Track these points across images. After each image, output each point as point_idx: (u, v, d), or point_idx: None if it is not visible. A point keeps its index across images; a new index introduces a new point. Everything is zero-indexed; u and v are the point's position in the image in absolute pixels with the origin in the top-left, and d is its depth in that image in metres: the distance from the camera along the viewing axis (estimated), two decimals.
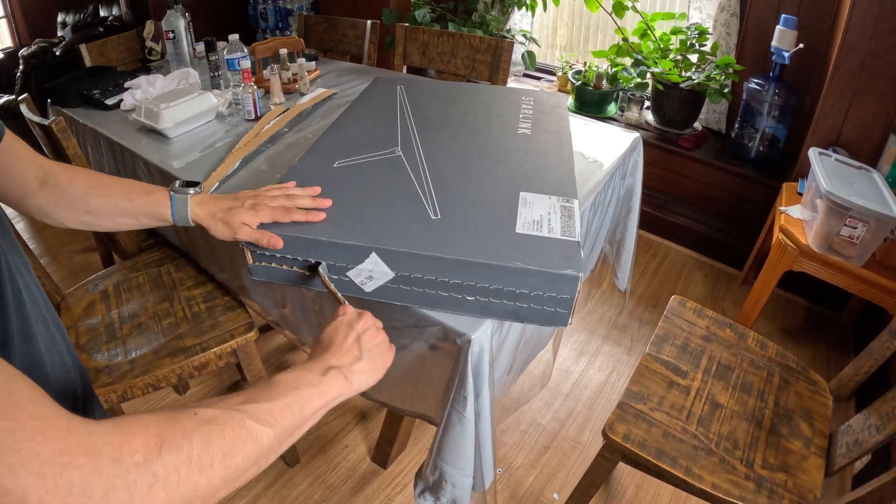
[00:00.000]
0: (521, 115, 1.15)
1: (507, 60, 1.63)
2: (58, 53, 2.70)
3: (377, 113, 1.16)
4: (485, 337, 0.77)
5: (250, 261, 0.85)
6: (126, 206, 0.79)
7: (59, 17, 3.38)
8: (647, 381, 1.18)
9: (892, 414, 1.05)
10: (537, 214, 0.80)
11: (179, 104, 1.44)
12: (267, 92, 1.57)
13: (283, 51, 1.58)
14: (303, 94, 1.53)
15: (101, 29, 2.91)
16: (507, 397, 1.71)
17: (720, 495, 1.01)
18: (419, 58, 1.83)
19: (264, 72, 1.58)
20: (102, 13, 3.24)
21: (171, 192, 0.81)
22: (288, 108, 1.44)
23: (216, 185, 1.21)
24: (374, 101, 1.23)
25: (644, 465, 1.07)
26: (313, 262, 0.80)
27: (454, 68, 1.76)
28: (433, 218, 0.80)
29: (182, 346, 1.21)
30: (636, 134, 1.35)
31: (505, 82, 1.67)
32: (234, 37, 1.54)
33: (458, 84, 1.34)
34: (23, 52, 2.67)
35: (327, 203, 0.83)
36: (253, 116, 1.44)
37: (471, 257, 0.72)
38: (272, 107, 1.47)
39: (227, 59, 1.54)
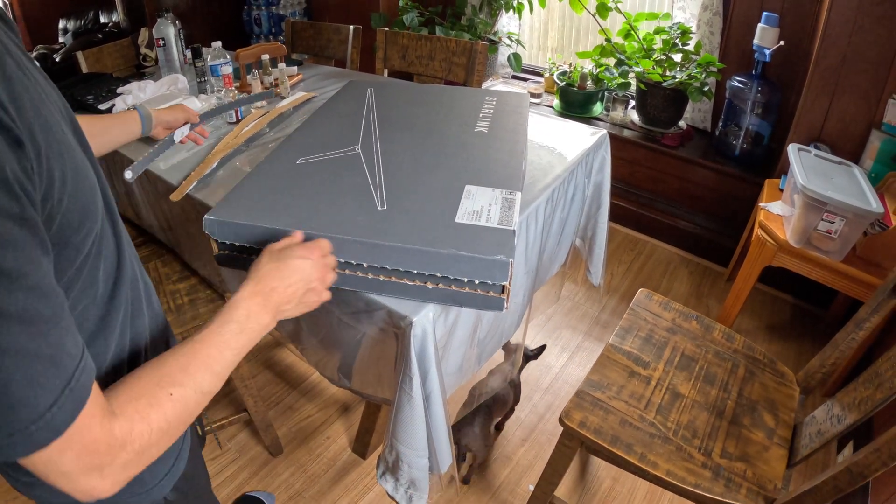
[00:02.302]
0: (480, 115, 1.19)
1: (482, 63, 1.67)
2: (57, 60, 2.79)
3: (345, 114, 1.21)
4: (426, 320, 0.81)
5: (215, 250, 0.90)
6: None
7: (61, 24, 3.47)
8: (607, 371, 1.21)
9: (854, 404, 1.06)
10: (478, 206, 0.84)
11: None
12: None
13: (266, 56, 1.64)
14: (283, 98, 1.58)
15: (100, 35, 2.99)
16: (470, 385, 1.74)
17: (675, 482, 1.03)
18: (399, 61, 1.88)
19: (248, 77, 1.64)
20: (103, 20, 3.33)
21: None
22: (267, 112, 1.49)
23: (195, 184, 1.26)
24: (344, 103, 1.28)
25: (601, 453, 1.10)
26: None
27: (432, 71, 1.81)
28: (379, 209, 0.84)
29: None
30: (603, 131, 1.38)
31: (480, 84, 1.71)
32: (217, 44, 1.60)
33: (426, 86, 1.38)
34: None
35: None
36: (234, 120, 1.49)
37: (408, 244, 0.76)
38: (252, 110, 1.52)
39: (210, 66, 1.60)
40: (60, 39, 3.47)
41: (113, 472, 0.46)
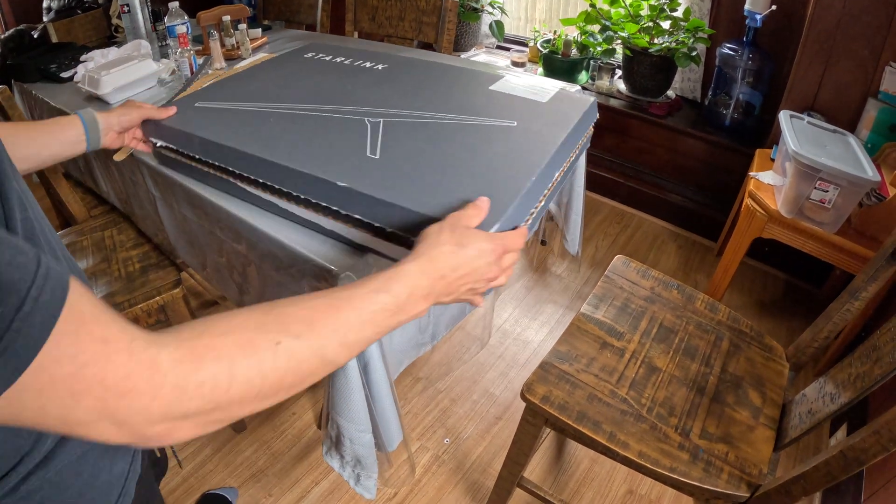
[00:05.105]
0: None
1: (452, 21, 1.59)
2: (35, 36, 2.72)
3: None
4: (355, 276, 0.74)
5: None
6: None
7: (45, 3, 3.39)
8: (576, 342, 1.14)
9: (848, 382, 0.94)
10: None
11: (119, 71, 1.44)
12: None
13: (226, 18, 1.56)
14: (243, 59, 1.51)
15: (80, 11, 2.92)
16: (438, 357, 1.71)
17: (647, 465, 0.93)
18: (369, 23, 1.80)
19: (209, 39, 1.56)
20: None
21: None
22: (225, 72, 1.42)
23: None
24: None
25: (567, 431, 1.02)
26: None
27: (402, 32, 1.73)
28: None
29: (112, 302, 1.23)
30: (577, 87, 1.30)
31: (451, 42, 1.63)
32: (175, 4, 1.53)
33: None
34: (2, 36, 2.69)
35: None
36: (189, 75, 1.42)
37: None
38: (209, 72, 1.45)
39: (168, 27, 1.53)
40: (45, 18, 3.39)
41: (164, 413, 0.34)
